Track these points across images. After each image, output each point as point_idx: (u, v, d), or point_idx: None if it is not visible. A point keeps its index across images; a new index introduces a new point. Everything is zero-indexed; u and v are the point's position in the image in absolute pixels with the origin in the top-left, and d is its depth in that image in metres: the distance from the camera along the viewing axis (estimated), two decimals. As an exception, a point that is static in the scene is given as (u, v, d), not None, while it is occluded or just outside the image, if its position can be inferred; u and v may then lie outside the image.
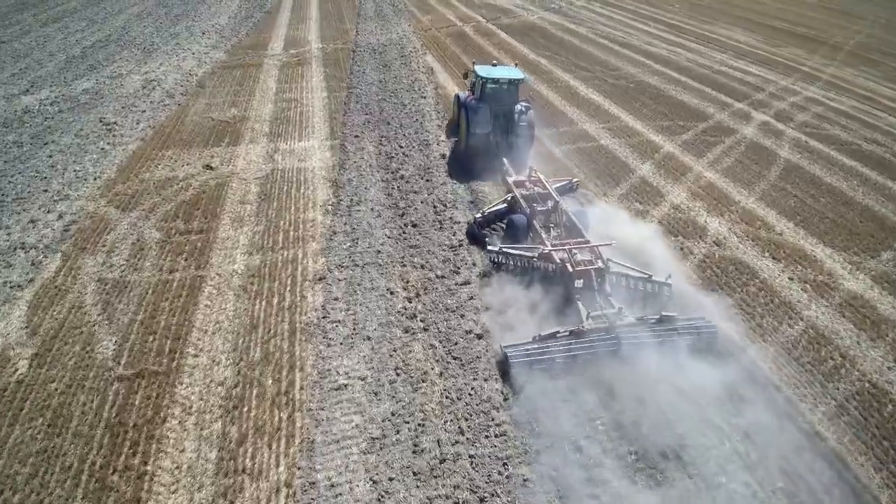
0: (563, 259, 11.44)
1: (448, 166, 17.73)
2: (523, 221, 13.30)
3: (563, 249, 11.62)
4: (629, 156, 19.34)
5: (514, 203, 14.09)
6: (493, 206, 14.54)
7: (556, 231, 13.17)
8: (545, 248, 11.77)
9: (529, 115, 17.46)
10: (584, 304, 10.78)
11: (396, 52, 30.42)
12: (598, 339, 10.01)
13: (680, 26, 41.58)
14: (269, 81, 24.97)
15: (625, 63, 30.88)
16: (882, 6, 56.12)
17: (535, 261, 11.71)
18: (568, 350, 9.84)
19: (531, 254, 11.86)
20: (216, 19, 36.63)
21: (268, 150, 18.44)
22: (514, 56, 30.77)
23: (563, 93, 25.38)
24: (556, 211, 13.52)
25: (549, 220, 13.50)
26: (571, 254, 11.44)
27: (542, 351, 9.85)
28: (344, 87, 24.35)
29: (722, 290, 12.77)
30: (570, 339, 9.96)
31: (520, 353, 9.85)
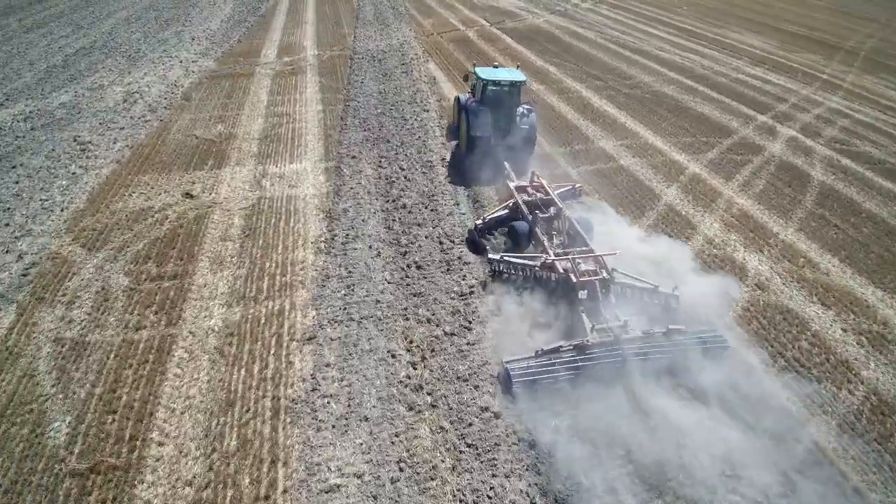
0: (566, 269, 11.01)
1: (453, 187, 16.04)
2: (525, 228, 12.77)
3: (567, 259, 11.17)
4: (652, 178, 17.57)
5: (516, 209, 13.58)
6: (493, 213, 13.94)
7: (559, 239, 12.64)
8: (548, 258, 11.32)
9: (531, 117, 16.84)
10: (588, 317, 10.29)
11: (397, 60, 28.62)
12: (603, 354, 9.58)
13: (691, 30, 39.81)
14: (261, 93, 23.17)
15: (638, 71, 29.09)
16: (884, 7, 54.57)
17: (538, 270, 11.29)
18: (573, 365, 9.47)
19: (533, 263, 11.42)
20: (207, 24, 34.79)
21: (255, 174, 16.65)
22: (523, 64, 28.96)
23: (575, 105, 23.59)
24: (559, 218, 12.97)
25: (551, 228, 12.95)
26: (575, 263, 10.99)
27: (545, 366, 9.43)
28: (341, 100, 22.57)
29: (771, 347, 11.07)
30: (574, 354, 9.57)
31: (522, 369, 9.42)
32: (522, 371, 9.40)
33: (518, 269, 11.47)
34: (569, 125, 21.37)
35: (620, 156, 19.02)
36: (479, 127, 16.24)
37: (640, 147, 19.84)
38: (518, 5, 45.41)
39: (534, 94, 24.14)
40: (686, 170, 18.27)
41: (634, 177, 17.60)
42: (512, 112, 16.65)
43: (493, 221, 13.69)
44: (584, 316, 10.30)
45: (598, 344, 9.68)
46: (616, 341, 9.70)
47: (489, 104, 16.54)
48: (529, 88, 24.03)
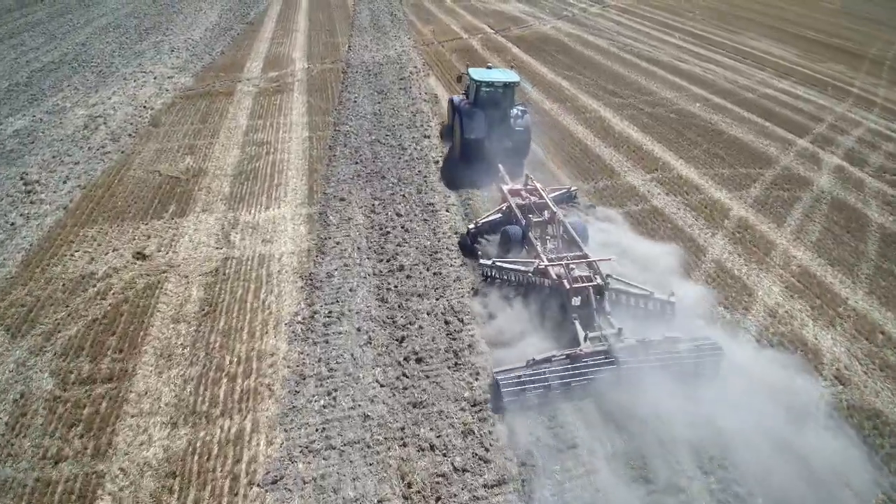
0: (559, 275, 10.58)
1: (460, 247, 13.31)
2: (518, 233, 12.41)
3: (560, 264, 10.75)
4: (693, 224, 14.83)
5: (510, 213, 13.20)
6: (486, 217, 13.54)
7: (552, 243, 12.30)
8: (541, 263, 10.88)
9: (526, 118, 16.36)
10: (581, 325, 9.92)
11: (394, 74, 25.81)
12: (595, 363, 9.21)
13: (706, 37, 36.99)
14: (239, 116, 20.38)
15: (658, 84, 26.30)
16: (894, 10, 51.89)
17: (530, 276, 10.93)
18: (565, 375, 9.10)
19: (526, 268, 11.07)
20: (190, 33, 31.91)
21: (223, 223, 13.89)
22: (532, 78, 26.22)
23: (595, 128, 20.82)
24: (552, 222, 12.61)
25: (545, 232, 12.60)
26: (569, 269, 10.58)
27: (536, 377, 9.02)
28: (330, 124, 19.77)
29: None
30: (566, 364, 9.17)
31: (512, 380, 9.01)
32: (513, 382, 8.96)
33: (510, 274, 11.11)
34: (590, 154, 18.60)
35: (652, 194, 16.26)
36: (472, 129, 15.73)
37: (674, 182, 17.08)
38: (523, 10, 42.53)
39: (527, 97, 21.43)
40: (730, 212, 15.52)
41: (672, 222, 14.84)
42: (506, 113, 16.12)
43: (486, 225, 13.25)
44: (577, 324, 9.90)
45: (592, 353, 9.27)
46: (610, 350, 9.28)
47: (483, 106, 16.05)
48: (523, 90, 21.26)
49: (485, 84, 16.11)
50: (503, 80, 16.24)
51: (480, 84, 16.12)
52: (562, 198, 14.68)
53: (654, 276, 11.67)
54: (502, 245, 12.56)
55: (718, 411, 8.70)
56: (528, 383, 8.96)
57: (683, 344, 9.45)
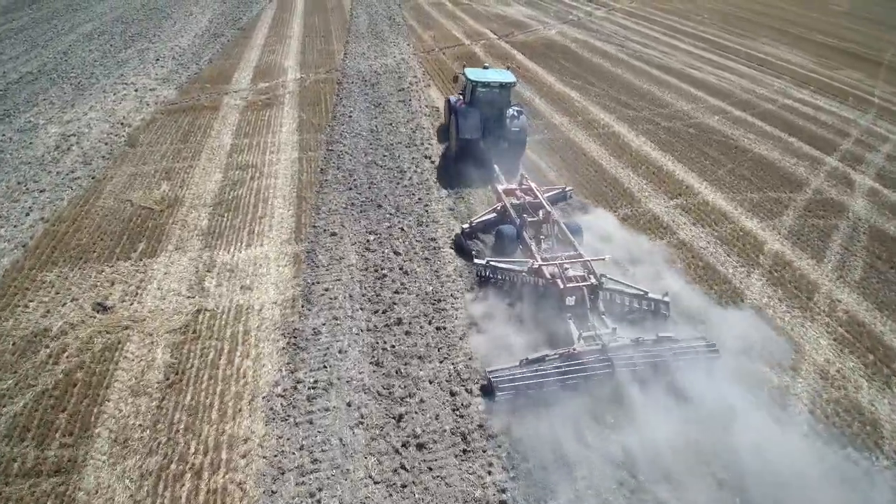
0: (553, 274, 10.56)
1: (465, 282, 11.75)
2: (512, 233, 12.39)
3: (554, 264, 10.73)
4: (726, 262, 13.24)
5: (504, 212, 13.15)
6: (481, 216, 13.45)
7: (546, 243, 12.20)
8: (535, 262, 10.86)
9: (522, 119, 16.21)
10: (575, 324, 9.90)
11: (393, 84, 24.21)
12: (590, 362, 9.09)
13: (718, 42, 35.40)
14: (224, 134, 18.76)
15: (673, 95, 24.72)
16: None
17: (525, 275, 10.88)
18: (559, 374, 8.94)
19: (520, 268, 11.04)
20: (177, 40, 30.27)
21: (198, 265, 12.30)
22: (540, 88, 24.63)
23: (609, 145, 19.23)
24: (547, 222, 12.49)
25: (539, 232, 12.50)
26: (563, 269, 10.59)
27: (530, 376, 8.94)
28: (322, 143, 18.17)
29: None
30: (561, 363, 9.09)
31: (505, 378, 8.94)
32: (506, 381, 8.87)
33: (505, 274, 11.04)
34: (606, 176, 17.00)
35: (678, 224, 14.68)
36: (467, 129, 15.63)
37: (700, 209, 15.50)
38: (527, 14, 40.90)
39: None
40: (765, 245, 13.94)
41: (703, 258, 13.26)
42: (502, 114, 15.98)
43: (481, 225, 13.15)
44: (571, 323, 9.84)
45: (586, 352, 9.19)
46: (604, 349, 9.22)
47: (478, 106, 15.92)
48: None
49: (481, 84, 15.87)
50: (499, 80, 15.98)
51: (476, 84, 15.89)
52: (556, 197, 14.38)
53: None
54: (497, 244, 12.49)
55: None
56: (522, 382, 8.82)
57: (678, 344, 9.42)
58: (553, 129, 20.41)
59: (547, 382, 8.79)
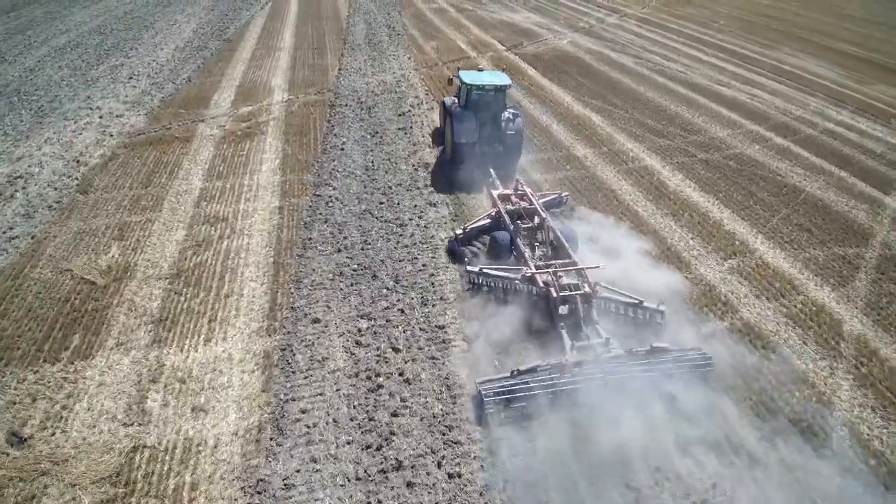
0: (546, 282, 10.14)
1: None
2: (506, 239, 11.96)
3: (548, 272, 10.33)
4: (804, 351, 10.33)
5: (499, 218, 12.78)
6: (475, 222, 13.07)
7: (541, 250, 11.80)
8: (528, 270, 10.50)
9: (518, 122, 15.82)
10: (568, 334, 9.49)
11: (392, 107, 21.36)
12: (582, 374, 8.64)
13: (740, 52, 32.56)
14: (194, 175, 15.86)
15: (704, 118, 21.86)
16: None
17: (517, 283, 10.46)
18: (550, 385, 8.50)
19: (513, 275, 10.59)
20: (156, 53, 27.33)
21: (141, 373, 9.43)
22: (556, 108, 21.76)
23: (643, 184, 16.35)
24: (542, 228, 12.16)
25: (534, 238, 12.14)
26: (556, 277, 10.17)
27: (520, 387, 8.45)
28: (309, 187, 15.31)
29: None
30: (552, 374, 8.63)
31: (495, 389, 8.44)
32: (496, 392, 8.42)
33: (497, 281, 10.69)
34: (644, 225, 14.12)
35: (738, 297, 11.79)
36: (463, 133, 15.32)
37: (760, 273, 12.63)
38: (535, 21, 37.98)
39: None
40: (843, 325, 11.00)
41: (778, 352, 10.46)
42: (497, 117, 15.66)
43: (475, 231, 12.75)
44: (563, 333, 9.51)
45: (578, 363, 8.79)
46: (597, 360, 8.87)
47: (474, 109, 15.61)
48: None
49: (476, 87, 15.55)
50: (494, 83, 15.67)
51: (471, 87, 15.56)
52: (552, 203, 13.99)
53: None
54: (490, 251, 12.09)
55: None
56: (512, 394, 8.46)
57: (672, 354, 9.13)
58: (576, 163, 17.55)
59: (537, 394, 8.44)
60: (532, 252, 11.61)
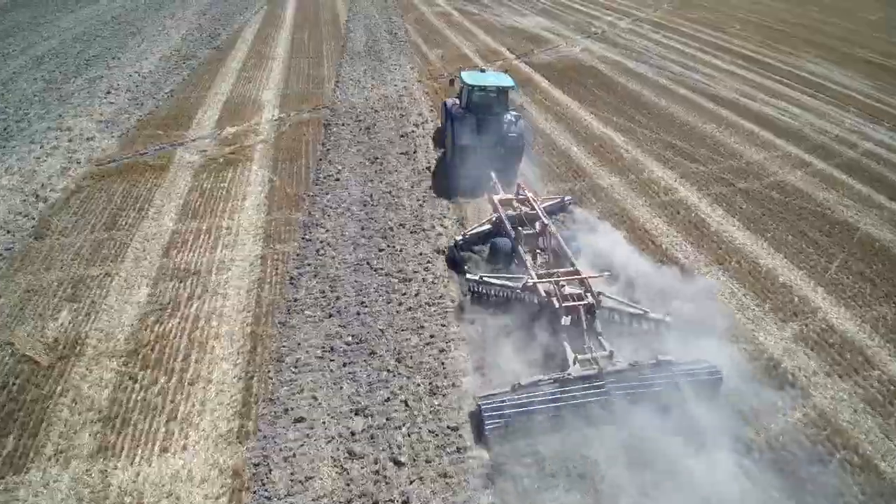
0: (548, 292, 9.65)
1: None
2: (507, 246, 11.44)
3: (550, 281, 9.82)
4: (887, 451, 8.40)
5: (500, 224, 12.10)
6: (475, 228, 12.41)
7: (543, 257, 11.33)
8: (529, 279, 9.98)
9: (520, 124, 15.41)
10: (571, 346, 8.95)
11: (394, 126, 19.23)
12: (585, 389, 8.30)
13: (761, 61, 30.44)
14: (166, 213, 13.70)
15: (737, 139, 19.74)
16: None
17: (518, 293, 10.06)
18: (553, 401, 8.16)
19: (514, 284, 10.16)
20: (140, 63, 25.16)
21: (81, 495, 7.35)
22: (574, 126, 19.57)
23: (680, 222, 14.19)
24: (544, 234, 11.54)
25: (536, 245, 11.59)
26: (559, 286, 9.67)
27: (521, 403, 8.09)
28: (297, 229, 13.23)
29: None
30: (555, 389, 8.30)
31: (495, 405, 8.08)
32: (497, 408, 8.05)
33: (498, 291, 10.21)
34: (687, 276, 12.02)
35: (808, 374, 9.70)
36: (464, 136, 14.95)
37: (826, 340, 10.52)
38: (545, 26, 35.72)
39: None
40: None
41: (859, 450, 8.38)
42: (499, 119, 15.19)
43: (475, 237, 12.21)
44: (566, 345, 8.99)
45: (581, 377, 8.42)
46: (600, 374, 8.46)
47: (475, 111, 15.25)
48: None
49: (478, 88, 15.17)
50: (496, 84, 15.25)
51: (473, 88, 15.17)
52: (555, 208, 13.40)
53: None
54: (491, 258, 11.62)
55: None
56: (513, 409, 8.02)
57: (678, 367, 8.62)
58: (602, 194, 15.41)
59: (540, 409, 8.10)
60: (534, 260, 11.15)
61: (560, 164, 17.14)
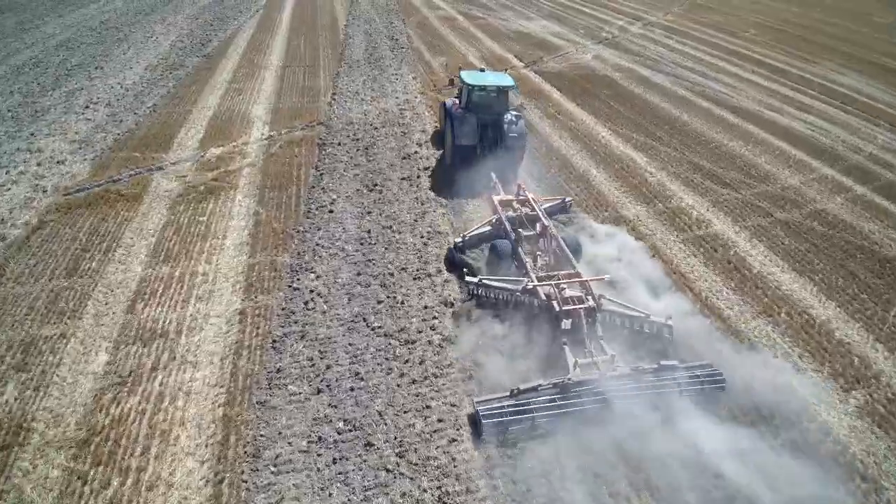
0: (549, 295, 9.48)
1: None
2: (507, 248, 11.28)
3: (550, 284, 9.64)
4: None
5: (500, 225, 11.97)
6: (475, 229, 12.16)
7: (543, 259, 11.07)
8: (529, 282, 9.78)
9: (520, 124, 14.97)
10: (571, 351, 8.77)
11: (395, 147, 17.55)
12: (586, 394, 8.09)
13: (780, 68, 28.81)
14: (134, 256, 11.86)
15: (768, 158, 18.07)
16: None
17: (518, 295, 9.74)
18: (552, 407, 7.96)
19: (514, 287, 9.86)
20: (124, 73, 23.46)
21: None
22: (592, 146, 17.84)
23: (717, 261, 12.45)
24: (544, 236, 11.38)
25: (536, 247, 11.35)
26: (559, 289, 9.48)
27: (520, 408, 7.93)
28: (283, 274, 11.55)
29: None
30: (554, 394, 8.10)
31: (494, 410, 7.90)
32: (495, 413, 7.87)
33: (497, 293, 9.91)
34: (732, 331, 10.37)
35: (878, 462, 8.14)
36: (464, 136, 14.64)
37: (894, 413, 9.01)
38: (553, 31, 33.96)
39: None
40: None
41: None
42: (500, 119, 14.87)
43: (475, 239, 11.92)
44: (566, 349, 8.80)
45: (582, 382, 8.20)
46: (601, 379, 8.23)
47: (475, 111, 14.90)
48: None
49: (478, 88, 14.93)
50: (497, 83, 15.05)
51: (473, 88, 14.94)
52: (555, 209, 13.25)
53: None
54: (491, 260, 11.37)
55: None
56: (512, 414, 7.87)
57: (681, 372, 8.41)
58: (638, 232, 13.67)
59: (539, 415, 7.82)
60: (534, 262, 10.91)
61: (580, 190, 15.44)
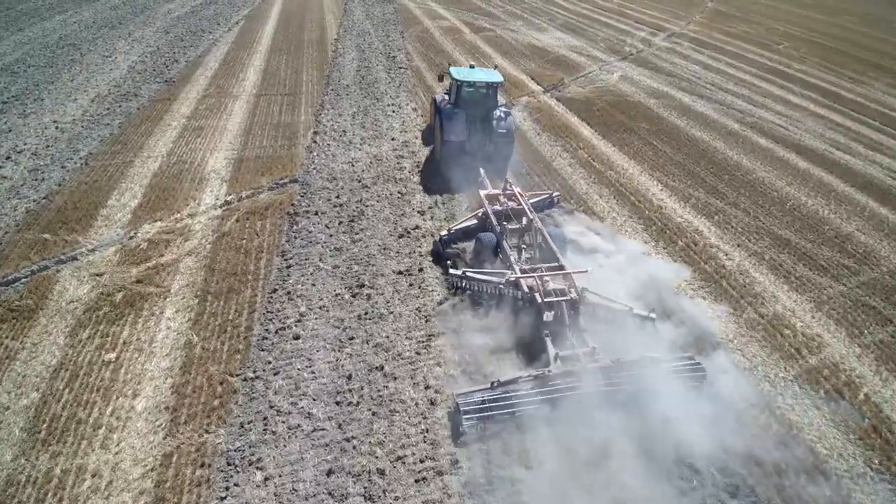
0: (531, 287, 9.25)
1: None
2: (492, 241, 10.96)
3: (533, 276, 9.39)
4: None
5: (486, 219, 11.61)
6: (460, 223, 12.02)
7: (528, 253, 10.93)
8: (512, 274, 9.59)
9: (509, 120, 14.66)
10: (553, 342, 8.61)
11: (390, 218, 13.14)
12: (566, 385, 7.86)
13: (829, 90, 24.91)
14: (5, 430, 7.99)
15: (860, 223, 13.98)
16: None
17: (501, 287, 9.50)
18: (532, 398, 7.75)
19: (497, 279, 9.64)
20: (66, 106, 18.91)
21: None
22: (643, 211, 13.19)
23: (853, 425, 8.39)
24: (530, 230, 11.14)
25: (522, 241, 11.16)
26: (542, 281, 9.23)
27: (500, 400, 7.71)
28: (213, 477, 7.38)
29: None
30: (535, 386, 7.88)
31: (474, 402, 7.68)
32: (475, 406, 7.64)
33: (481, 285, 9.74)
34: None
35: None
36: (453, 131, 14.22)
37: None
38: (570, 45, 29.49)
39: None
40: None
41: None
42: (489, 115, 14.51)
43: (460, 232, 11.72)
44: (548, 341, 8.63)
45: (562, 374, 7.99)
46: (582, 371, 8.00)
47: (464, 106, 14.53)
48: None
49: (466, 84, 14.49)
50: (486, 79, 14.59)
51: (462, 84, 14.49)
52: (542, 204, 12.89)
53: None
54: (476, 253, 11.00)
55: None
56: (493, 407, 7.63)
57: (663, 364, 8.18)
58: (711, 349, 9.45)
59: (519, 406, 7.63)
60: (519, 255, 10.65)
61: (645, 290, 10.68)
